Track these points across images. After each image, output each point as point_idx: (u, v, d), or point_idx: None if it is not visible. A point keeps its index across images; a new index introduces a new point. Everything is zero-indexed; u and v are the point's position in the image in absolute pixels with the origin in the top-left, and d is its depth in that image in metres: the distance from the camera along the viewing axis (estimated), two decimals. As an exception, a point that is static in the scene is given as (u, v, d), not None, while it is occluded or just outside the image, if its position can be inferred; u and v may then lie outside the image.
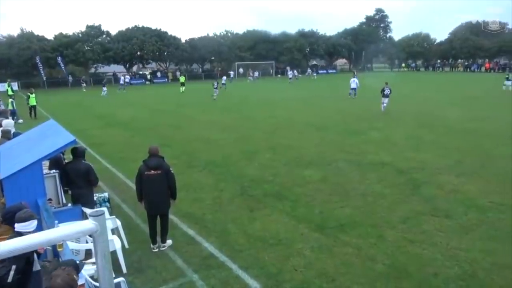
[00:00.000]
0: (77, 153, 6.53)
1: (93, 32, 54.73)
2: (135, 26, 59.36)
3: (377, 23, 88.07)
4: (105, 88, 36.36)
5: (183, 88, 37.04)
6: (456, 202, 7.66)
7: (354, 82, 28.00)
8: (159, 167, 5.84)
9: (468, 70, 70.16)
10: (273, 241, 6.25)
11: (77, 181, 6.32)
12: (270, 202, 8.00)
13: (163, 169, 5.86)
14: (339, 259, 5.67)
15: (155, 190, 5.89)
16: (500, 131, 14.64)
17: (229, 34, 67.23)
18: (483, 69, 69.39)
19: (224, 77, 41.76)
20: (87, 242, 5.55)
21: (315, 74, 60.61)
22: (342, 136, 14.46)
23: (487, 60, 71.68)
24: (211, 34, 65.79)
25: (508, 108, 20.98)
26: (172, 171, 5.99)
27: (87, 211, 5.89)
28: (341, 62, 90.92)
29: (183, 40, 62.84)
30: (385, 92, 20.55)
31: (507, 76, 32.29)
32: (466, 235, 6.28)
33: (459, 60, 77.67)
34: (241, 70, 63.98)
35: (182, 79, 39.50)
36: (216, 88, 30.93)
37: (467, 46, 70.41)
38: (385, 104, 20.59)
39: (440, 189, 8.47)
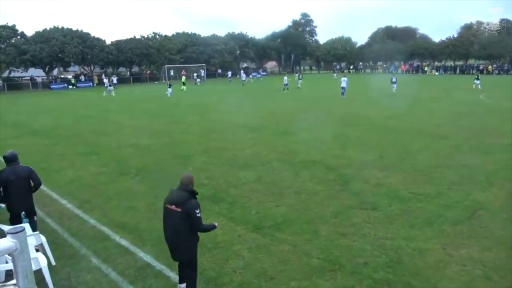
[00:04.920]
0: (11, 157, 5.98)
1: (5, 32, 50.02)
2: (54, 26, 55.37)
3: (303, 27, 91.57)
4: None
5: (184, 87, 41.84)
6: (381, 195, 8.22)
7: (344, 82, 29.96)
8: (179, 204, 4.55)
9: (387, 71, 75.76)
10: (211, 245, 6.21)
11: (18, 187, 5.87)
12: (207, 205, 7.92)
13: (183, 207, 4.51)
14: (276, 257, 5.79)
15: (171, 229, 4.67)
16: (414, 127, 16.05)
17: (158, 36, 65.46)
18: (399, 70, 75.41)
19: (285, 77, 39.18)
20: (7, 262, 5.07)
21: (250, 77, 59.78)
22: (274, 136, 14.80)
23: (402, 62, 77.98)
24: (138, 36, 63.63)
25: (416, 106, 23.10)
26: (197, 214, 4.52)
27: (5, 228, 5.37)
28: (271, 64, 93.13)
29: (108, 42, 60.03)
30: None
31: (476, 76, 37.26)
32: (391, 225, 6.77)
33: (379, 63, 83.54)
34: (171, 73, 62.62)
35: (183, 79, 45.34)
36: (301, 79, 40.55)
37: (385, 49, 75.84)
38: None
39: (366, 183, 9.02)
